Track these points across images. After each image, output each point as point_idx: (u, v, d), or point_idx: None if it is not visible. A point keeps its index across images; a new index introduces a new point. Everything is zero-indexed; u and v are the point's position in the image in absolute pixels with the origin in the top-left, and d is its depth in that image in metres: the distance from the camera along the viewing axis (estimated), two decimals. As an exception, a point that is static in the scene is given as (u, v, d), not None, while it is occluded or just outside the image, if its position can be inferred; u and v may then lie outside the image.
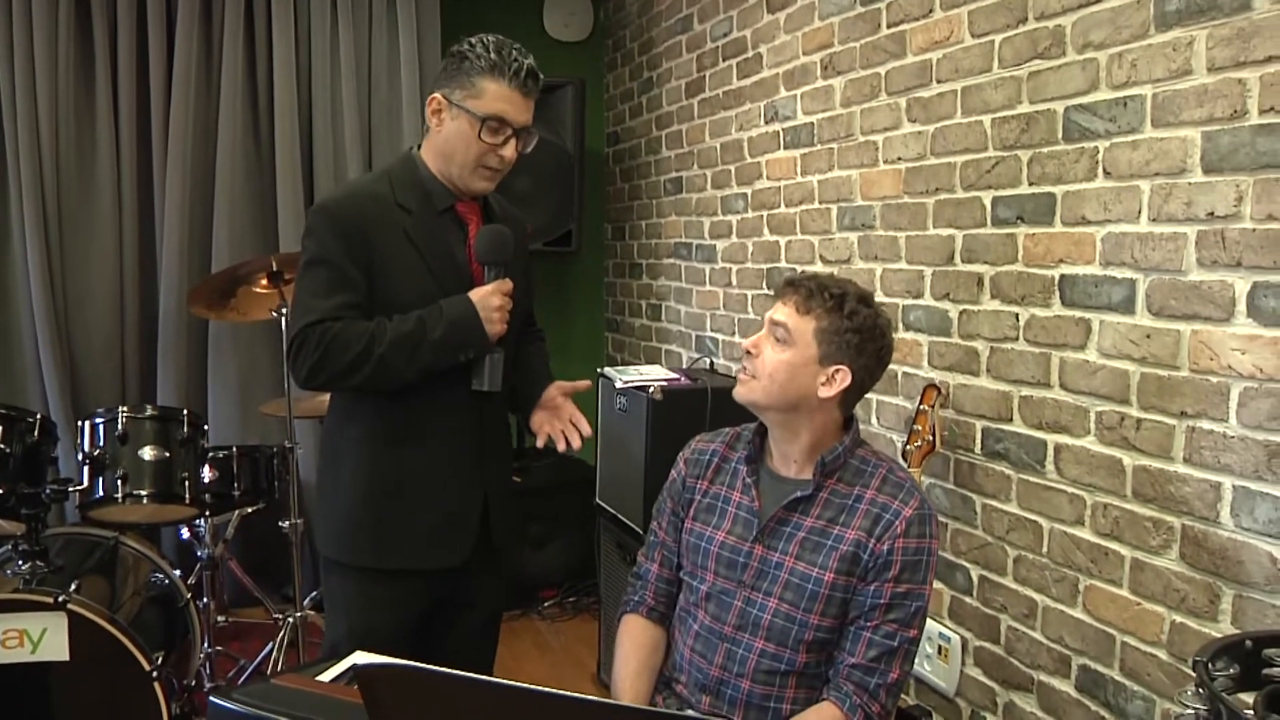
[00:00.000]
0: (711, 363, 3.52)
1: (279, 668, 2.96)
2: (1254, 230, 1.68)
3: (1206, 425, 1.78)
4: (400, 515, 1.98)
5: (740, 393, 1.76)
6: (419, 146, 2.05)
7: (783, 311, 1.71)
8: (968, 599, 2.41)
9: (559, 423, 2.11)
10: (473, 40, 1.94)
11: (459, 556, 2.03)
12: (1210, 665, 1.16)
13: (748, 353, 1.74)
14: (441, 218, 2.00)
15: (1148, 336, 1.89)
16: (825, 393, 1.70)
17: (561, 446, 2.10)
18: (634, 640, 1.88)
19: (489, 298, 1.95)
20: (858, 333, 1.69)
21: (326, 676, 1.68)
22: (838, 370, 1.70)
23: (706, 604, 1.78)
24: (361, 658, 1.73)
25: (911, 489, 1.72)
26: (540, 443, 2.13)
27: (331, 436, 2.07)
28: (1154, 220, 1.87)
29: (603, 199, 4.69)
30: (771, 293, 1.78)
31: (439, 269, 1.97)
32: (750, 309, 3.38)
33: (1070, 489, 2.10)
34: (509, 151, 1.96)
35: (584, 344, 4.65)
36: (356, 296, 1.91)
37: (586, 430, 2.10)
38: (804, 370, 1.70)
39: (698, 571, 1.81)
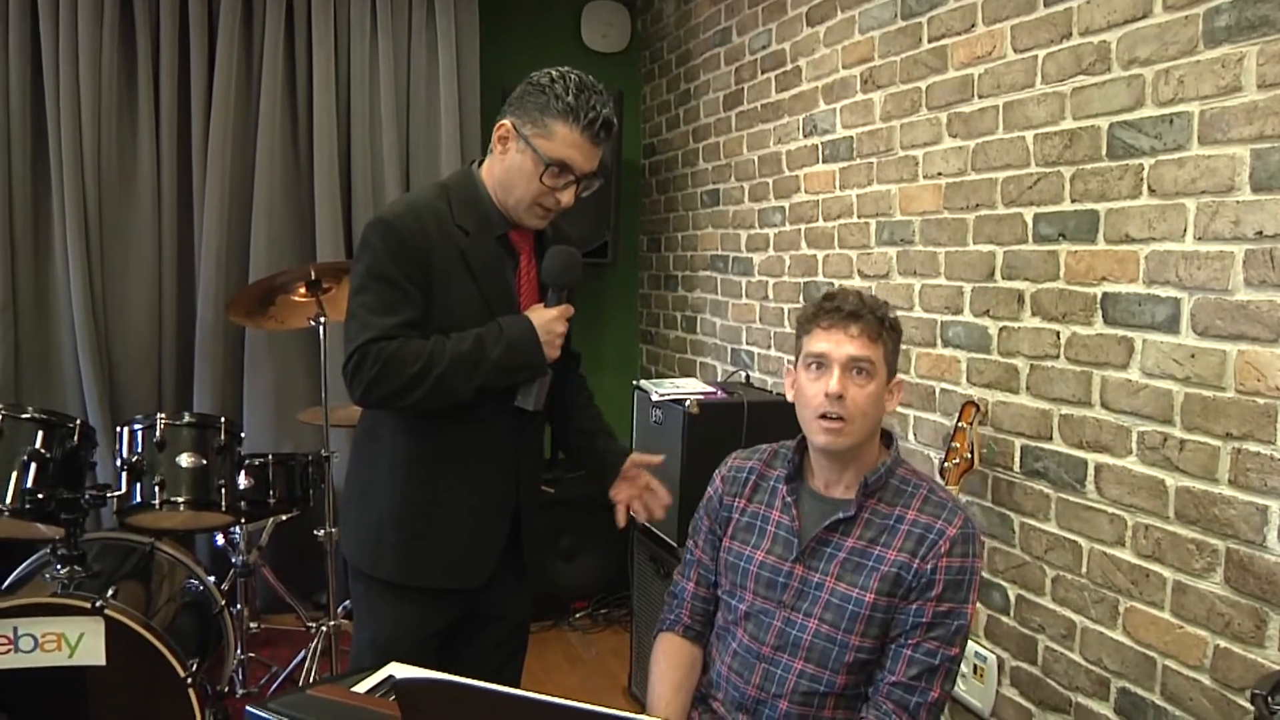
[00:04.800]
0: (747, 376, 3.53)
1: (312, 676, 2.99)
2: (1304, 250, 1.67)
3: (1253, 447, 1.76)
4: (429, 534, 1.98)
5: (836, 443, 1.70)
6: (479, 163, 2.02)
7: (857, 345, 1.68)
8: (1004, 618, 2.39)
9: (636, 490, 2.14)
10: (554, 74, 1.89)
11: (484, 576, 2.03)
12: (1270, 699, 1.15)
13: (839, 397, 1.67)
14: (496, 243, 1.98)
15: (1192, 356, 1.88)
16: (892, 406, 1.75)
17: (643, 517, 2.16)
18: (670, 659, 1.89)
19: (552, 322, 1.93)
20: (900, 340, 1.75)
21: (362, 688, 1.69)
22: (895, 383, 1.74)
23: (745, 623, 1.79)
24: (398, 669, 1.75)
25: (954, 508, 1.72)
26: (621, 518, 2.13)
27: (364, 447, 2.06)
28: (1200, 239, 1.86)
29: (638, 210, 4.71)
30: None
31: (492, 295, 1.95)
32: (786, 323, 3.37)
33: (1111, 509, 2.08)
34: (567, 197, 1.93)
35: (618, 355, 4.66)
36: (415, 314, 1.88)
37: (666, 499, 2.15)
38: (881, 395, 1.72)
39: (736, 590, 1.82)
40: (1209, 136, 1.83)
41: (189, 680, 2.33)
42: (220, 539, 3.19)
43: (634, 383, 3.22)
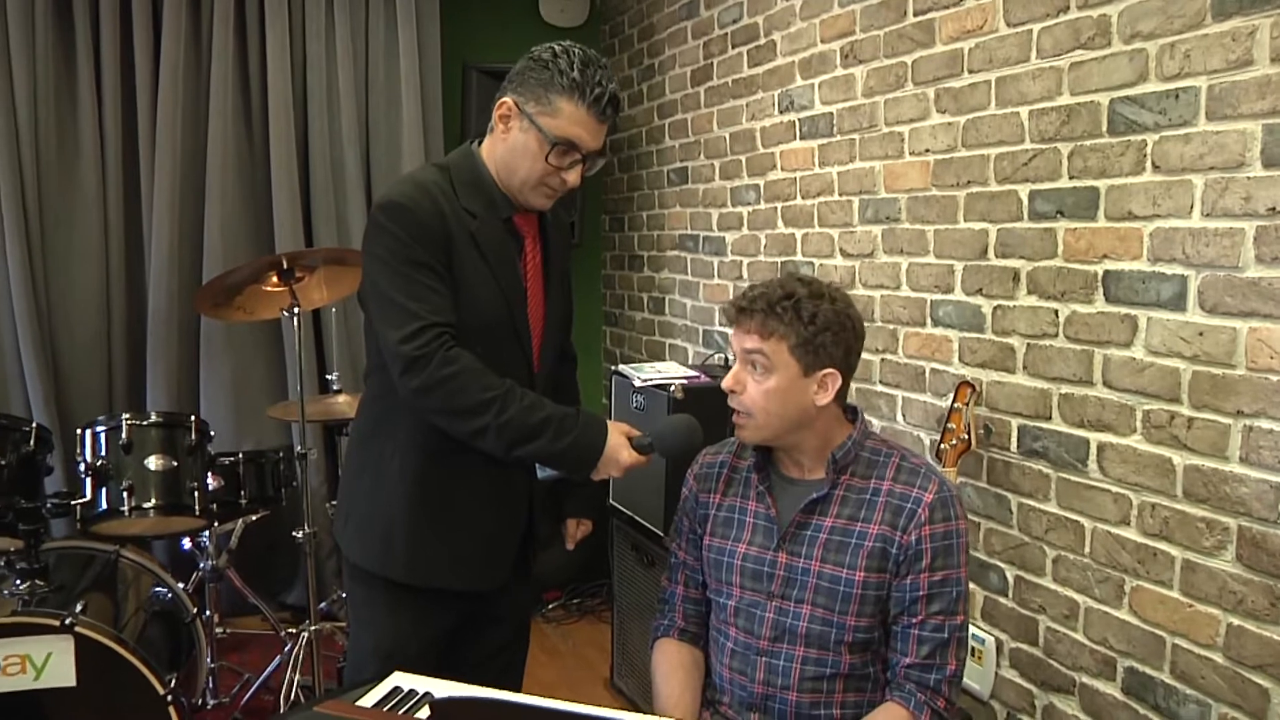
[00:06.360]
0: (726, 359, 3.50)
1: (294, 684, 2.91)
2: (1319, 227, 1.68)
3: (1266, 425, 1.78)
4: (444, 534, 1.92)
5: (744, 436, 1.75)
6: (478, 142, 1.96)
7: (750, 339, 1.68)
8: (1003, 599, 2.40)
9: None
10: (557, 50, 1.83)
11: (500, 578, 1.99)
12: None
13: (732, 391, 1.70)
14: (502, 226, 1.92)
15: (1200, 334, 1.88)
16: (822, 400, 1.69)
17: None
18: (671, 662, 1.88)
19: (623, 463, 1.84)
20: (827, 330, 1.67)
21: (369, 701, 1.65)
22: (826, 375, 1.69)
23: (736, 619, 1.78)
24: (402, 680, 1.71)
25: (928, 473, 1.72)
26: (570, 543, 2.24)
27: (372, 441, 1.98)
28: (1208, 215, 1.86)
29: (600, 189, 4.65)
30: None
31: (503, 280, 1.90)
32: (764, 303, 3.34)
33: (1115, 488, 2.09)
34: (573, 177, 1.88)
35: (581, 338, 4.57)
36: (451, 300, 1.82)
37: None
38: (793, 390, 1.68)
39: (723, 587, 1.81)
40: (1218, 112, 1.83)
41: (168, 697, 2.25)
42: (187, 543, 3.08)
43: (612, 368, 3.18)
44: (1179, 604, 1.96)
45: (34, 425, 2.61)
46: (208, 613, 2.98)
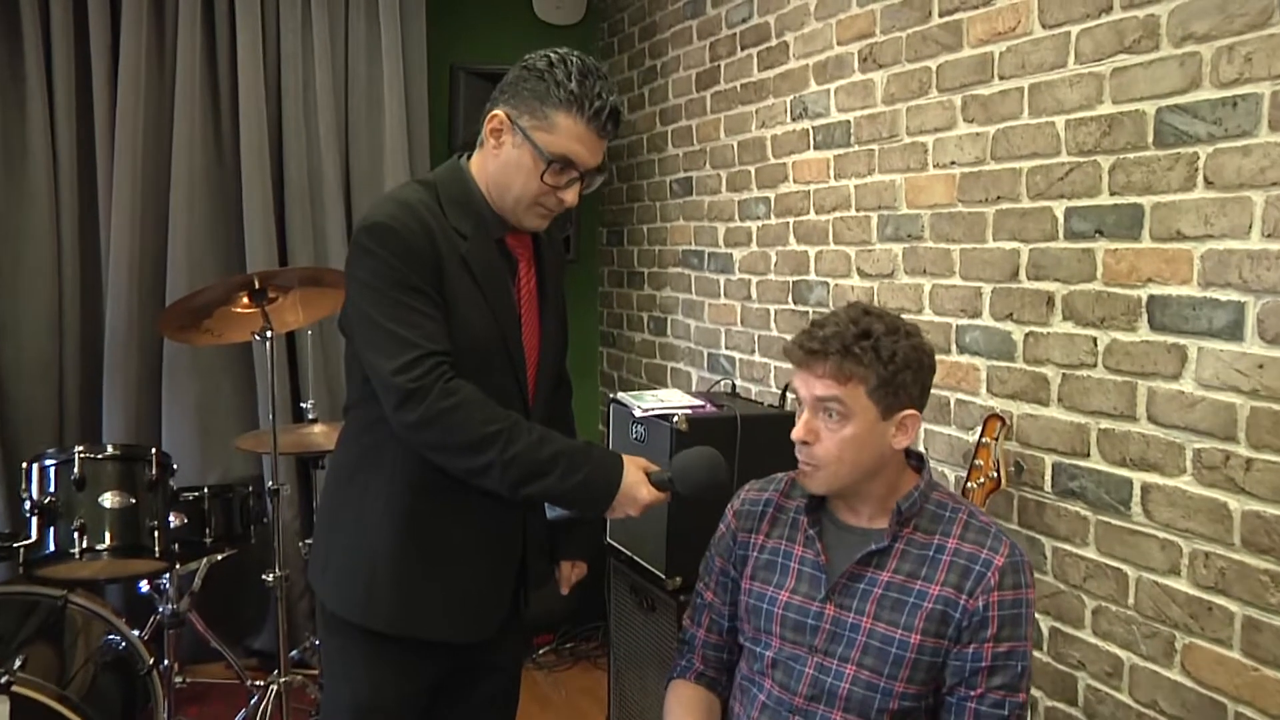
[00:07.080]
0: (734, 385, 3.42)
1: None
2: (1395, 250, 1.60)
3: (1336, 469, 1.70)
4: (436, 577, 1.86)
5: (811, 487, 1.70)
6: (467, 156, 1.91)
7: (823, 385, 1.62)
8: (1037, 652, 2.32)
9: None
10: (553, 58, 1.78)
11: (490, 628, 1.93)
12: None
13: (804, 443, 1.65)
14: (494, 247, 1.88)
15: (1260, 366, 1.81)
16: (901, 443, 1.65)
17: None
18: (686, 705, 1.84)
19: (643, 497, 1.80)
20: (907, 369, 1.62)
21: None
22: (906, 416, 1.64)
23: (773, 671, 1.72)
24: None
25: (998, 534, 1.66)
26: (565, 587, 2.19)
27: (354, 476, 1.92)
28: (1269, 236, 1.79)
29: (597, 200, 4.59)
30: (796, 311, 1.66)
31: (496, 304, 1.85)
32: (774, 325, 3.28)
33: (1162, 534, 2.02)
34: (570, 196, 1.83)
35: (577, 360, 4.52)
36: (445, 326, 1.77)
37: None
38: (872, 436, 1.63)
39: (761, 636, 1.75)
40: (1282, 121, 1.76)
41: (116, 760, 2.15)
42: (145, 586, 2.99)
43: (610, 395, 3.10)
44: (1241, 666, 1.88)
45: (-25, 458, 2.52)
46: (166, 662, 2.88)
